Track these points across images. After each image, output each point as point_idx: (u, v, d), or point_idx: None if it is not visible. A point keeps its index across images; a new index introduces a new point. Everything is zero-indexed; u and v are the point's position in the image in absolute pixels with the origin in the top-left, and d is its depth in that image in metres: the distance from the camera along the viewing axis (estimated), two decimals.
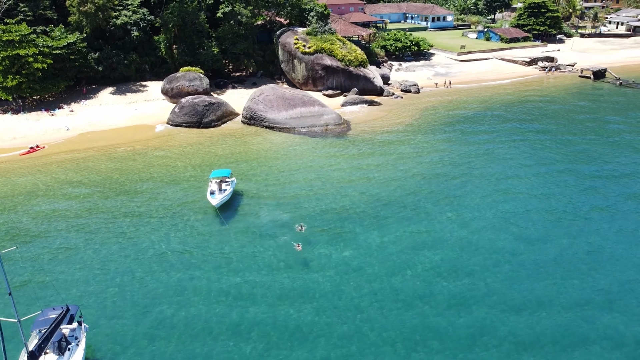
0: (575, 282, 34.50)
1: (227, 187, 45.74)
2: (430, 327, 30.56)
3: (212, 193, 44.86)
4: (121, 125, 67.50)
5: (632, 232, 40.66)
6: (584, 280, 34.73)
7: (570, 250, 38.27)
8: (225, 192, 44.92)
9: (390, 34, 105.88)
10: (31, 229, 41.73)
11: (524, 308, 32.09)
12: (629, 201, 45.85)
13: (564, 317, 31.33)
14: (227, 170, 47.61)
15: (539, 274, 35.38)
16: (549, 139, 62.52)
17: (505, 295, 33.30)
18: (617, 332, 30.17)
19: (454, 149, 58.74)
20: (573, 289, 33.88)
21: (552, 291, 33.61)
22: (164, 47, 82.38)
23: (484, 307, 32.12)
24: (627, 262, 36.78)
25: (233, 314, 31.71)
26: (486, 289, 33.85)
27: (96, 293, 33.68)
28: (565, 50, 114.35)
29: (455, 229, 41.32)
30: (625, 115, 72.38)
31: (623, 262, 36.80)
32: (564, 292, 33.50)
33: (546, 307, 32.12)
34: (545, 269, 35.93)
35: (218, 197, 44.01)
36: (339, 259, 37.31)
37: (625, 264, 36.50)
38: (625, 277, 35.09)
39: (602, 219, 42.94)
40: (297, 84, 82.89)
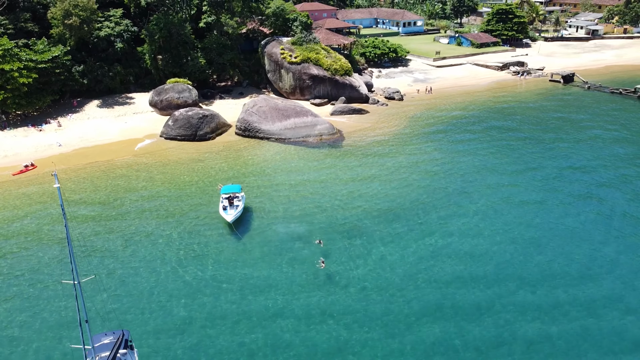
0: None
1: (239, 202, 46.58)
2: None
3: (225, 209, 45.65)
4: (114, 140, 66.96)
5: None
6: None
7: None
8: (239, 208, 45.76)
9: (369, 40, 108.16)
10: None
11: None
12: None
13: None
14: (237, 186, 48.47)
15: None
16: (535, 143, 66.00)
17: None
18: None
19: (447, 157, 61.25)
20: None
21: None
22: (148, 59, 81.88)
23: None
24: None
25: (268, 336, 32.70)
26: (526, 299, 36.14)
27: (123, 316, 34.12)
28: (533, 55, 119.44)
29: (468, 237, 43.54)
30: (599, 115, 77.07)
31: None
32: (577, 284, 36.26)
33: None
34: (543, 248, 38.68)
35: (232, 213, 44.83)
36: (362, 273, 38.81)
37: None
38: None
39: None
40: (284, 94, 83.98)
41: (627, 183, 53.86)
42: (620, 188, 52.63)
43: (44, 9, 79.16)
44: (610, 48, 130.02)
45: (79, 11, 72.34)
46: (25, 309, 34.79)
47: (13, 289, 36.88)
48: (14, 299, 35.78)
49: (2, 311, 34.60)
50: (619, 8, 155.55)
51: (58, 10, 72.53)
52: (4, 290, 36.80)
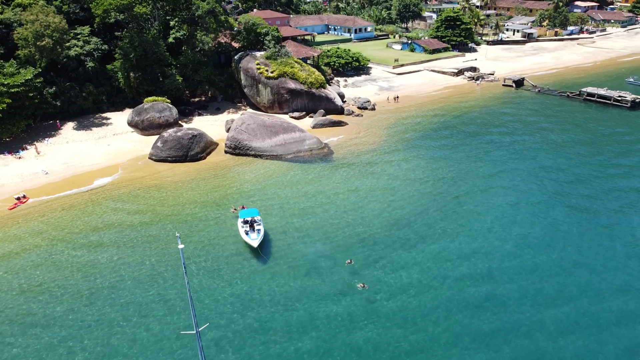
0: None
1: (260, 226, 47.80)
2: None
3: (247, 233, 46.76)
4: (101, 164, 65.43)
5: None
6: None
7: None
8: (261, 232, 47.02)
9: (332, 50, 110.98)
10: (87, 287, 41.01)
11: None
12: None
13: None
14: (255, 210, 49.69)
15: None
16: (506, 146, 71.81)
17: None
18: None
19: (434, 164, 65.49)
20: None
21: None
22: (122, 77, 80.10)
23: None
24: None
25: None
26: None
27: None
28: (481, 59, 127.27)
29: (488, 240, 47.44)
30: (553, 117, 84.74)
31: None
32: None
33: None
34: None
35: (257, 238, 45.99)
36: (400, 290, 41.54)
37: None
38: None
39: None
40: (262, 108, 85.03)
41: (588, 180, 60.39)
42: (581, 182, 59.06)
43: (7, 29, 75.40)
44: (547, 51, 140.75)
45: (51, 32, 69.76)
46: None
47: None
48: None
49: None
50: (549, 12, 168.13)
51: (28, 32, 69.54)
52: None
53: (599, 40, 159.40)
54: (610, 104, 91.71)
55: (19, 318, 37.92)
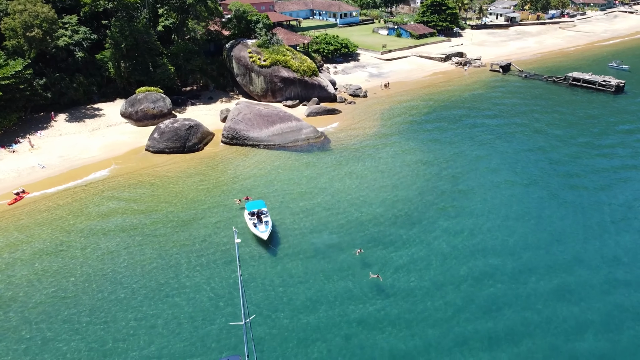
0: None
1: (267, 218, 48.36)
2: None
3: (256, 226, 47.31)
4: (97, 157, 64.91)
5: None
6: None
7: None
8: (269, 224, 47.60)
9: (320, 36, 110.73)
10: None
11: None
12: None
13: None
14: (261, 202, 50.18)
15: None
16: (499, 130, 73.31)
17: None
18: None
19: (432, 151, 66.79)
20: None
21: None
22: (112, 67, 78.94)
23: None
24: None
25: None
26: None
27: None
28: (467, 44, 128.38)
29: (482, 222, 48.90)
30: (544, 100, 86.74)
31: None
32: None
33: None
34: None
35: (266, 230, 46.58)
36: (412, 280, 42.74)
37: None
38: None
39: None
40: (255, 97, 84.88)
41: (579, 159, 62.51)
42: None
43: None
44: (530, 35, 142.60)
45: (40, 22, 68.24)
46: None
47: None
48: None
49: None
50: None
51: (16, 22, 67.92)
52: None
53: (579, 23, 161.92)
54: (595, 89, 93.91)
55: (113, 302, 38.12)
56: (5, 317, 37.95)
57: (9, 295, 40.11)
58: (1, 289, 40.90)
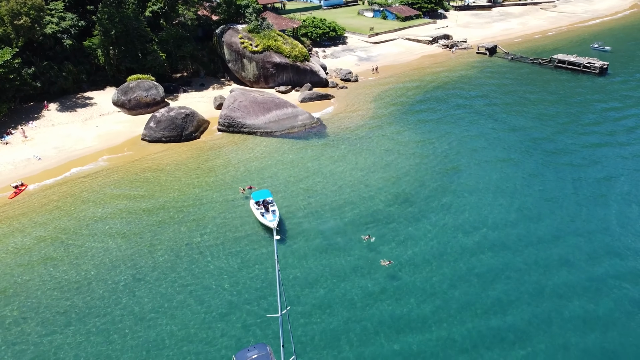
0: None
1: (274, 207, 48.93)
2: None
3: (263, 215, 47.87)
4: (94, 147, 64.30)
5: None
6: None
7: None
8: (276, 212, 48.22)
9: (308, 20, 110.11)
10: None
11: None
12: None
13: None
14: (267, 191, 50.65)
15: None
16: (489, 111, 75.49)
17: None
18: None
19: (426, 132, 68.17)
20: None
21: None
22: (101, 54, 77.59)
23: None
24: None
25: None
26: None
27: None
28: (452, 26, 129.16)
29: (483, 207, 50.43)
30: (533, 85, 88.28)
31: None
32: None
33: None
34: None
35: (274, 219, 47.17)
36: (422, 268, 44.03)
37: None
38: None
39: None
40: (247, 83, 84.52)
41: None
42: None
43: None
44: (513, 16, 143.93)
45: (28, 9, 66.56)
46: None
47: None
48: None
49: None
50: None
51: (3, 10, 66.13)
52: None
53: (560, 4, 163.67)
54: (580, 70, 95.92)
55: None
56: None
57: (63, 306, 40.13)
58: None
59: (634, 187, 55.70)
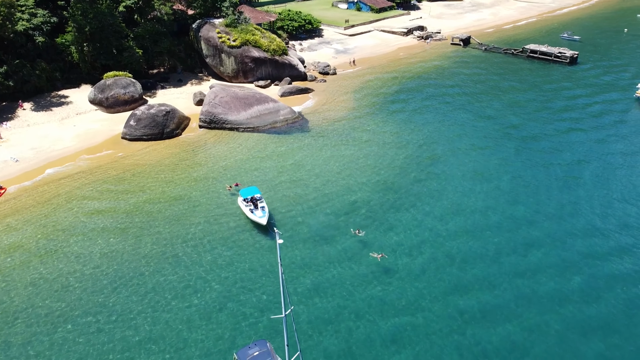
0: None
1: (263, 204, 49.06)
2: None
3: (252, 212, 47.96)
4: (73, 147, 63.01)
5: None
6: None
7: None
8: (265, 209, 48.36)
9: (283, 12, 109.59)
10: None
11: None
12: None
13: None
14: (254, 188, 50.70)
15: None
16: (465, 100, 77.27)
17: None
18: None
19: (406, 123, 69.36)
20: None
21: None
22: (75, 52, 75.81)
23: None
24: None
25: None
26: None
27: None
28: (426, 17, 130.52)
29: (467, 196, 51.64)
30: (507, 74, 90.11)
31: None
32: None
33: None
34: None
35: (264, 215, 47.29)
36: (410, 261, 44.89)
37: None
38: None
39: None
40: (226, 78, 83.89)
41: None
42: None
43: None
44: (485, 7, 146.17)
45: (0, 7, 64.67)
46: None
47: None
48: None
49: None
50: None
51: None
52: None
53: None
54: (552, 60, 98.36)
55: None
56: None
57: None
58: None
59: (603, 170, 58.41)
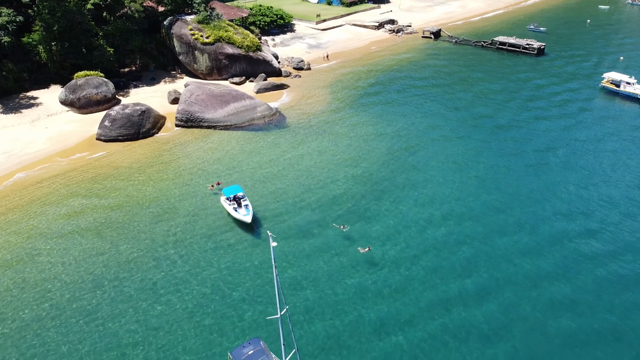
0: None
1: (247, 202, 49.02)
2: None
3: (236, 210, 47.90)
4: (46, 151, 61.44)
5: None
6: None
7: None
8: (249, 207, 48.35)
9: (255, 8, 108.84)
10: None
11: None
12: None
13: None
14: (237, 186, 50.58)
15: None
16: (437, 92, 79.17)
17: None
18: None
19: (381, 116, 70.37)
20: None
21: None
22: (43, 51, 73.72)
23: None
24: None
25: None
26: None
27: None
28: (396, 10, 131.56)
29: (442, 185, 52.74)
30: (477, 67, 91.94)
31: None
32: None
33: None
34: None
35: (248, 213, 47.28)
36: (393, 250, 45.62)
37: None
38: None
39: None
40: (200, 75, 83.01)
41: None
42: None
43: None
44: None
45: None
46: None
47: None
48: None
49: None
50: None
51: None
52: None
53: None
54: (520, 52, 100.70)
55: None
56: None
57: None
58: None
59: (571, 155, 61.20)
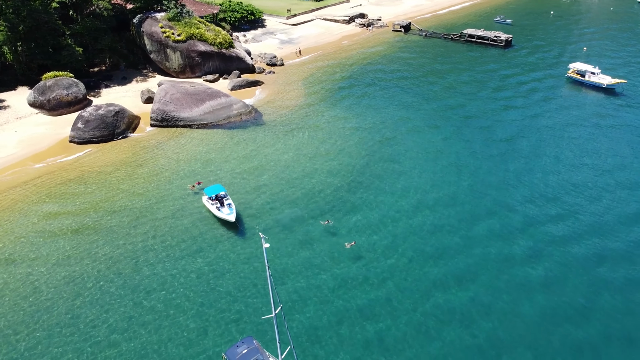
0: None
1: (229, 201, 48.97)
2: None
3: (219, 209, 47.83)
4: (18, 155, 60.03)
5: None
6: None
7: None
8: (232, 206, 48.34)
9: (224, 4, 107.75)
10: None
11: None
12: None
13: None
14: (219, 185, 50.48)
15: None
16: (413, 87, 79.68)
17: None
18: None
19: (357, 111, 71.63)
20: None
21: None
22: (9, 52, 71.55)
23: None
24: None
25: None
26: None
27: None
28: (365, 4, 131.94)
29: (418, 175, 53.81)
30: (447, 59, 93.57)
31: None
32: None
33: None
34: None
35: (231, 212, 47.27)
36: (375, 240, 46.37)
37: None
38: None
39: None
40: (172, 73, 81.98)
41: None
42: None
43: None
44: None
45: None
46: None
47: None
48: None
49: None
50: None
51: None
52: None
53: None
54: (489, 44, 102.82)
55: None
56: None
57: None
58: None
59: (538, 142, 63.69)
